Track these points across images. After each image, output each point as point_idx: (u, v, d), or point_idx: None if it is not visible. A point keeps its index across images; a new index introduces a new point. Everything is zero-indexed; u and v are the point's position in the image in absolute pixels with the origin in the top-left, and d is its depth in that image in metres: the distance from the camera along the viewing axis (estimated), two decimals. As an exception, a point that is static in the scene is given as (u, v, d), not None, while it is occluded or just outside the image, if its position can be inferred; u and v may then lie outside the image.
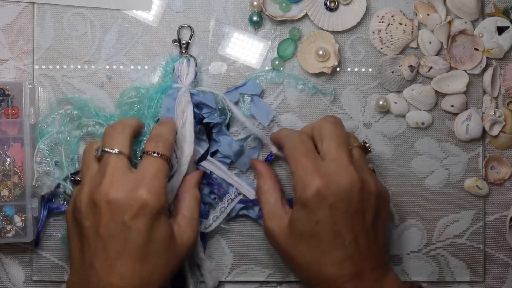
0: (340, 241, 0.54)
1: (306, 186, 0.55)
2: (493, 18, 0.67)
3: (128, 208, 0.53)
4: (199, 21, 0.66)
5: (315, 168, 0.55)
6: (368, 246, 0.56)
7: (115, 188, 0.54)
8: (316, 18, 0.66)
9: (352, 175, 0.55)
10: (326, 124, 0.58)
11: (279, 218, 0.58)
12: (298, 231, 0.56)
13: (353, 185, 0.55)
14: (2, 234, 0.63)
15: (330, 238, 0.54)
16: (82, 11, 0.66)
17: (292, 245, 0.57)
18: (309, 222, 0.55)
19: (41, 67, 0.66)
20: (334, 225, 0.54)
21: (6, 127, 0.63)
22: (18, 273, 0.67)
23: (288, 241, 0.57)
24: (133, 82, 0.66)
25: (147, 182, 0.54)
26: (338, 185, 0.54)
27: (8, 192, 0.63)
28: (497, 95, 0.67)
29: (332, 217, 0.54)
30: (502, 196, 0.68)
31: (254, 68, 0.67)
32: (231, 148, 0.64)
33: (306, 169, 0.55)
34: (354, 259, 0.55)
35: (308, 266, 0.56)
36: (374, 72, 0.67)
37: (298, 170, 0.56)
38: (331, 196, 0.54)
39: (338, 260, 0.55)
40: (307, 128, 0.61)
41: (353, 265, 0.55)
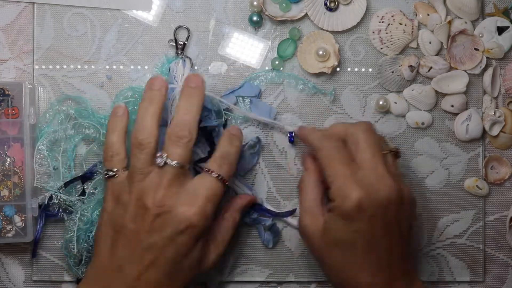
0: (376, 251, 0.54)
1: (347, 197, 0.54)
2: (493, 18, 0.67)
3: (174, 223, 0.54)
4: (199, 21, 0.66)
5: (354, 178, 0.55)
6: (401, 255, 0.56)
7: (170, 201, 0.55)
8: (316, 18, 0.66)
9: (390, 185, 0.55)
10: (360, 132, 0.58)
11: (315, 217, 0.58)
12: (334, 238, 0.55)
13: (391, 196, 0.55)
14: (2, 234, 0.63)
15: (366, 247, 0.54)
16: (82, 11, 0.66)
17: (326, 248, 0.56)
18: (347, 231, 0.55)
19: (41, 67, 0.66)
20: (371, 236, 0.54)
21: (6, 127, 0.63)
22: (18, 273, 0.67)
23: (321, 243, 0.57)
24: (133, 82, 0.66)
25: (201, 204, 0.55)
26: (377, 196, 0.54)
27: (8, 192, 0.63)
28: (497, 95, 0.67)
29: (370, 228, 0.54)
30: (502, 196, 0.68)
31: (254, 68, 0.67)
32: None
33: (346, 179, 0.55)
34: (387, 268, 0.55)
35: (339, 272, 0.56)
36: (374, 72, 0.67)
37: (337, 179, 0.55)
38: (371, 207, 0.54)
39: (371, 269, 0.55)
40: (338, 130, 0.59)
41: (386, 274, 0.55)
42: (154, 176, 0.56)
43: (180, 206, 0.54)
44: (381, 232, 0.54)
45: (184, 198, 0.55)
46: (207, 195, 0.56)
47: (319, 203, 0.59)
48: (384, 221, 0.55)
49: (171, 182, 0.55)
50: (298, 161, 0.67)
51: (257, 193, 0.66)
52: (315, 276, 0.67)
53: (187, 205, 0.55)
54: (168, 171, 0.56)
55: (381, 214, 0.54)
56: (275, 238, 0.66)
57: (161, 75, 0.63)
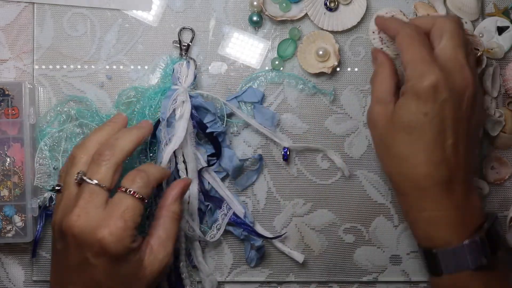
0: (442, 141, 0.53)
1: (424, 75, 0.53)
2: (493, 18, 0.67)
3: (89, 246, 0.52)
4: (199, 21, 0.66)
5: (434, 61, 0.53)
6: (466, 155, 0.54)
7: (82, 222, 0.52)
8: (316, 18, 0.66)
9: (468, 77, 0.54)
10: (448, 22, 0.56)
11: (387, 105, 0.56)
12: (403, 120, 0.54)
13: (468, 88, 0.54)
14: (2, 234, 0.63)
15: (433, 134, 0.53)
16: (82, 11, 0.66)
17: (393, 133, 0.55)
18: (417, 113, 0.53)
19: (41, 67, 0.66)
20: (441, 122, 0.53)
21: (6, 127, 0.63)
22: (18, 273, 0.67)
23: (389, 128, 0.55)
24: (133, 82, 0.66)
25: (112, 223, 0.51)
26: (455, 82, 0.53)
27: (8, 192, 0.63)
28: (497, 95, 0.67)
29: (441, 113, 0.53)
30: (502, 196, 0.68)
31: (254, 68, 0.67)
32: (231, 162, 0.64)
33: (424, 59, 0.53)
34: (450, 164, 0.53)
35: (402, 160, 0.54)
36: (374, 72, 0.67)
37: (415, 58, 0.54)
38: (447, 91, 0.53)
39: (435, 159, 0.53)
40: (424, 21, 0.58)
41: (448, 170, 0.53)
42: (70, 193, 0.54)
43: (92, 228, 0.51)
44: (449, 122, 0.53)
45: (97, 219, 0.52)
46: (119, 213, 0.52)
47: (392, 94, 0.57)
48: (455, 110, 0.53)
49: (87, 201, 0.52)
50: (298, 161, 0.67)
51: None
52: (315, 276, 0.67)
53: (97, 227, 0.51)
54: (85, 189, 0.53)
55: (454, 102, 0.53)
56: (259, 260, 0.66)
57: None
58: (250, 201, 0.67)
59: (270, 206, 0.67)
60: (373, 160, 0.67)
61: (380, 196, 0.67)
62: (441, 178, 0.53)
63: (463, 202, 0.54)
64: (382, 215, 0.67)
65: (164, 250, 0.55)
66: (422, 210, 0.54)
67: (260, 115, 0.65)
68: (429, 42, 0.56)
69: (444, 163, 0.53)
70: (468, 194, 0.55)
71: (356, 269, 0.67)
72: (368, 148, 0.67)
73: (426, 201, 0.54)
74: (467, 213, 0.55)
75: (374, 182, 0.67)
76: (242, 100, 0.65)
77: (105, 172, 0.53)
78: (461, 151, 0.54)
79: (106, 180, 0.53)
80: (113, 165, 0.54)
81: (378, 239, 0.67)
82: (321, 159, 0.67)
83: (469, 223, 0.54)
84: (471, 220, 0.55)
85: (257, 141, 0.66)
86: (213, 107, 0.63)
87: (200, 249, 0.65)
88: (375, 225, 0.67)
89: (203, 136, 0.64)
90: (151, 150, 0.63)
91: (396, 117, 0.55)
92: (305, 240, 0.67)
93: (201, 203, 0.64)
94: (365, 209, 0.67)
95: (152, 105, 0.63)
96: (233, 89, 0.66)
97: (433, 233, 0.54)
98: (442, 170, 0.53)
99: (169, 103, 0.62)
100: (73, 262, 0.53)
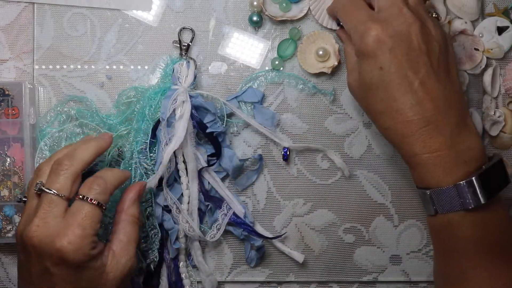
0: (407, 85, 0.54)
1: (363, 34, 0.54)
2: (493, 18, 0.67)
3: (49, 255, 0.52)
4: (199, 21, 0.66)
5: (370, 17, 0.55)
6: (440, 90, 0.54)
7: (41, 233, 0.52)
8: (321, 17, 0.66)
9: (407, 16, 0.54)
10: None
11: (354, 72, 0.58)
12: (365, 82, 0.56)
13: (411, 26, 0.54)
14: (2, 234, 0.63)
15: (396, 82, 0.54)
16: (82, 11, 0.66)
17: (364, 96, 0.57)
18: (373, 70, 0.54)
19: (41, 67, 0.66)
20: (398, 69, 0.54)
21: (6, 127, 0.63)
22: (18, 273, 0.67)
23: (361, 92, 0.57)
24: (133, 82, 0.66)
25: (70, 232, 0.52)
26: (394, 28, 0.54)
27: (8, 192, 0.63)
28: (497, 95, 0.67)
29: (394, 61, 0.54)
30: (502, 196, 0.68)
31: (254, 68, 0.67)
32: (231, 162, 0.64)
33: (361, 20, 0.55)
34: (426, 104, 0.54)
35: (382, 115, 0.55)
36: (374, 72, 0.67)
37: (352, 23, 0.56)
38: (390, 39, 0.54)
39: (408, 105, 0.53)
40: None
41: (425, 110, 0.54)
42: (31, 203, 0.55)
43: (51, 238, 0.52)
44: (406, 64, 0.54)
45: (56, 228, 0.52)
46: (77, 220, 0.52)
47: None
48: (407, 53, 0.54)
49: (46, 211, 0.53)
50: (298, 161, 0.67)
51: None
52: (315, 276, 0.67)
53: (56, 236, 0.51)
54: (44, 199, 0.53)
55: (403, 46, 0.54)
56: (259, 260, 0.66)
57: None
58: (250, 201, 0.67)
59: (270, 206, 0.67)
60: (373, 160, 0.67)
61: (380, 196, 0.67)
62: (422, 120, 0.54)
63: (454, 141, 0.54)
64: (382, 215, 0.67)
65: (127, 254, 0.56)
66: (413, 155, 0.55)
67: (260, 115, 0.65)
68: (364, 3, 0.58)
69: (419, 105, 0.54)
70: (459, 133, 0.55)
71: (356, 269, 0.67)
72: (368, 148, 0.67)
73: (415, 146, 0.54)
74: (460, 153, 0.54)
75: (374, 182, 0.67)
76: (242, 100, 0.66)
77: (64, 182, 0.54)
78: (433, 87, 0.54)
79: (64, 189, 0.54)
80: (71, 174, 0.54)
81: (378, 239, 0.67)
82: (321, 159, 0.67)
83: (464, 163, 0.54)
84: (466, 160, 0.54)
85: (257, 141, 0.66)
86: (213, 107, 0.63)
87: (200, 249, 0.65)
88: (375, 225, 0.67)
89: (203, 136, 0.64)
90: (151, 150, 0.63)
91: (360, 81, 0.57)
92: (305, 240, 0.67)
93: (201, 203, 0.64)
94: (365, 209, 0.67)
95: (152, 105, 0.63)
96: (233, 89, 0.66)
97: (426, 175, 0.55)
98: (420, 112, 0.54)
99: (169, 103, 0.62)
100: (35, 272, 0.53)
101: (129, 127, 0.63)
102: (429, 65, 0.54)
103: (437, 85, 0.54)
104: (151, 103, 0.63)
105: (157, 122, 0.63)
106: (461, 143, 0.54)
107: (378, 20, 0.54)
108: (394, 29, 0.54)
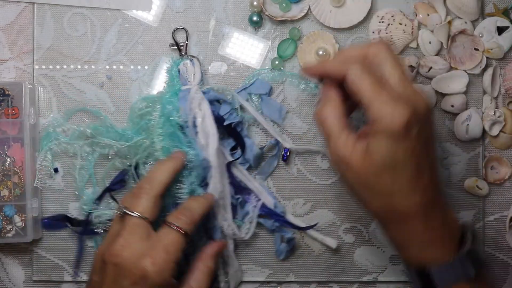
0: (423, 170, 0.53)
1: (394, 115, 0.52)
2: (493, 18, 0.67)
3: (130, 274, 0.53)
4: (199, 21, 0.66)
5: (394, 97, 0.52)
6: (438, 171, 0.55)
7: (125, 251, 0.54)
8: (322, 16, 0.66)
9: (425, 99, 0.54)
10: (383, 50, 0.55)
11: (352, 145, 0.54)
12: (383, 161, 0.53)
13: (428, 108, 0.54)
14: (2, 234, 0.63)
15: (415, 165, 0.53)
16: (82, 11, 0.66)
17: (373, 174, 0.53)
18: (397, 150, 0.52)
19: (41, 67, 0.66)
20: (420, 151, 0.53)
21: (6, 127, 0.63)
22: (18, 273, 0.67)
23: (367, 170, 0.53)
24: (133, 82, 0.66)
25: (155, 254, 0.54)
26: (420, 111, 0.53)
27: (8, 192, 0.63)
28: (497, 95, 0.67)
29: (417, 144, 0.53)
30: (502, 196, 0.68)
31: (254, 68, 0.67)
32: (251, 151, 0.64)
33: (387, 98, 0.52)
34: (432, 186, 0.54)
35: (388, 196, 0.54)
36: (374, 72, 0.67)
37: (376, 100, 0.52)
38: (417, 123, 0.52)
39: (421, 187, 0.53)
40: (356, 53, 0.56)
41: (431, 192, 0.54)
42: (114, 227, 0.57)
43: (136, 257, 0.54)
44: (424, 148, 0.53)
45: (141, 249, 0.54)
46: (163, 245, 0.55)
47: (350, 131, 0.55)
48: (426, 136, 0.53)
49: (130, 233, 0.55)
50: (298, 161, 0.67)
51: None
52: (315, 276, 0.67)
53: (141, 256, 0.54)
54: (127, 222, 0.56)
55: (424, 130, 0.53)
56: (288, 252, 0.66)
57: None
58: (250, 201, 0.67)
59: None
60: (373, 160, 0.67)
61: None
62: (427, 202, 0.54)
63: (445, 217, 0.55)
64: (382, 215, 0.67)
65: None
66: (413, 234, 0.55)
67: (267, 107, 0.65)
68: (375, 73, 0.54)
69: (428, 187, 0.54)
70: (446, 208, 0.56)
71: (356, 269, 0.67)
72: (368, 148, 0.67)
73: (416, 226, 0.54)
74: (450, 227, 0.55)
75: (374, 182, 0.67)
76: (250, 92, 0.65)
77: (146, 205, 0.56)
78: (436, 169, 0.55)
79: (147, 212, 0.56)
80: (152, 197, 0.57)
81: (378, 239, 0.67)
82: (321, 159, 0.67)
83: (454, 236, 0.55)
84: (454, 233, 0.56)
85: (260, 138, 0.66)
86: (228, 99, 0.64)
87: (233, 244, 0.65)
88: (375, 225, 0.67)
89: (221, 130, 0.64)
90: None
91: (375, 157, 0.53)
92: (305, 240, 0.67)
93: (231, 197, 0.64)
94: (365, 209, 0.67)
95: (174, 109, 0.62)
96: (233, 89, 0.66)
97: (426, 253, 0.55)
98: (427, 195, 0.54)
99: (186, 105, 0.62)
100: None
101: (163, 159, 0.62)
102: (434, 151, 0.56)
103: (437, 165, 0.56)
104: (172, 107, 0.62)
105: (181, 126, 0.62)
106: (449, 217, 0.56)
107: (403, 101, 0.52)
108: (419, 112, 0.52)
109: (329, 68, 0.56)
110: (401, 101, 0.52)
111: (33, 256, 0.66)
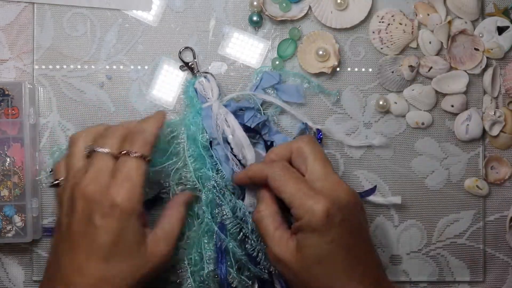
0: (354, 255, 0.54)
1: (313, 210, 0.53)
2: (493, 18, 0.67)
3: (100, 207, 0.53)
4: (199, 21, 0.66)
5: (313, 191, 0.55)
6: (375, 254, 0.56)
7: (94, 185, 0.53)
8: (324, 17, 0.66)
9: (347, 189, 0.56)
10: (305, 145, 0.58)
11: (286, 243, 0.56)
12: (312, 255, 0.54)
13: (351, 199, 0.55)
14: (2, 234, 0.63)
15: (344, 254, 0.54)
16: (82, 11, 0.66)
17: (306, 269, 0.54)
18: (323, 244, 0.54)
19: (41, 67, 0.66)
20: (347, 241, 0.54)
21: (6, 127, 0.63)
22: (18, 273, 0.67)
23: (300, 266, 0.55)
24: (133, 82, 0.66)
25: (120, 183, 0.53)
26: (340, 200, 0.54)
27: (8, 192, 0.63)
28: (497, 95, 0.67)
29: (343, 234, 0.54)
30: (502, 196, 0.68)
31: (254, 68, 0.67)
32: None
33: (305, 194, 0.54)
34: (371, 269, 0.55)
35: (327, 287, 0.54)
36: (374, 72, 0.67)
37: (297, 197, 0.55)
38: (338, 213, 0.53)
39: (357, 274, 0.54)
40: (279, 151, 0.59)
41: (371, 276, 0.55)
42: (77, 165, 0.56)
43: (104, 188, 0.53)
44: (352, 237, 0.54)
45: (108, 182, 0.54)
46: (126, 174, 0.54)
47: (284, 229, 0.57)
48: (352, 224, 0.55)
49: (99, 170, 0.54)
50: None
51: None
52: (315, 276, 0.67)
53: (109, 187, 0.53)
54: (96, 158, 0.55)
55: (348, 218, 0.54)
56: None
57: None
58: (250, 201, 0.67)
59: None
60: (373, 160, 0.67)
61: (380, 196, 0.67)
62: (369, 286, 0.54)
63: None
64: (382, 215, 0.67)
65: (165, 240, 0.57)
66: None
67: (284, 93, 0.65)
68: (296, 170, 0.57)
69: (367, 273, 0.54)
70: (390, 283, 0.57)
71: (356, 269, 0.67)
72: (368, 148, 0.67)
73: None
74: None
75: (374, 182, 0.67)
76: (263, 87, 0.65)
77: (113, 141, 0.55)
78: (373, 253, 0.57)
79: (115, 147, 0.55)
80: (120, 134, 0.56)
81: (378, 239, 0.67)
82: (321, 159, 0.67)
83: None
84: None
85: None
86: (247, 103, 0.64)
87: None
88: (375, 225, 0.67)
89: None
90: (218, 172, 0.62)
91: (303, 253, 0.54)
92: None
93: None
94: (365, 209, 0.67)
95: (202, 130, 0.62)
96: (233, 89, 0.66)
97: None
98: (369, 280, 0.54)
99: (212, 122, 0.62)
100: (77, 227, 0.53)
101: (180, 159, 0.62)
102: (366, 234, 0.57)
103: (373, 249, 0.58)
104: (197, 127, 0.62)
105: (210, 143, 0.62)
106: None
107: (322, 193, 0.54)
108: (339, 202, 0.54)
109: (252, 175, 0.59)
110: (320, 194, 0.54)
111: (33, 256, 0.66)
